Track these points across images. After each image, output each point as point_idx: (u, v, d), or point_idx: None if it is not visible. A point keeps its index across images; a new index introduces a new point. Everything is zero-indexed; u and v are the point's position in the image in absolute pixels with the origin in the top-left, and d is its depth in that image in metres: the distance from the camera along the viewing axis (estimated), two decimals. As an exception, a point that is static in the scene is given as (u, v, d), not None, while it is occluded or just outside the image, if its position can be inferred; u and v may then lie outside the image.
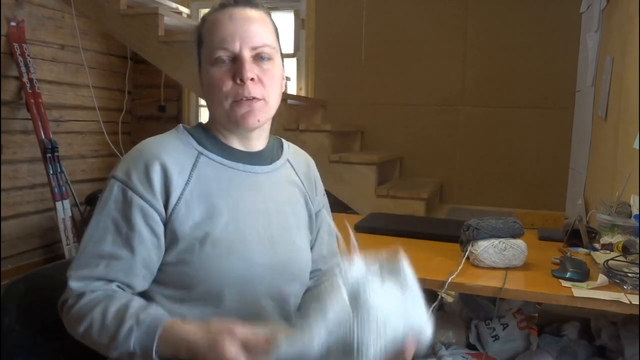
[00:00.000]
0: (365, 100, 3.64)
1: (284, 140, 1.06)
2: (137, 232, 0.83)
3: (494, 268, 1.33)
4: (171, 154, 0.87)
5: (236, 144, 0.94)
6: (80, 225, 3.10)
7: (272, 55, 0.90)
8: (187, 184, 0.86)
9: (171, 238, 0.85)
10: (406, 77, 3.56)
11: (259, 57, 0.88)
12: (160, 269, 0.87)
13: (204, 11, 4.05)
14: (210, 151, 0.91)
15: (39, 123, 2.92)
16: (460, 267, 1.30)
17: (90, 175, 3.57)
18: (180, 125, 0.94)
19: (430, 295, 1.87)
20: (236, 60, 0.87)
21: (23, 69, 2.89)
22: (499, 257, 1.32)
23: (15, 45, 2.88)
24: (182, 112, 3.91)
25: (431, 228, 1.78)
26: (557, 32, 3.25)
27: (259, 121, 0.89)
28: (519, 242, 1.34)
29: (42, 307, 0.95)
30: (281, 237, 0.93)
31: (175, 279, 0.86)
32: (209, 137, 0.93)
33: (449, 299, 1.85)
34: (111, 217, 0.84)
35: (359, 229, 1.69)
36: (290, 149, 1.05)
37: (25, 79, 2.89)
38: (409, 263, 0.76)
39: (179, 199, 0.85)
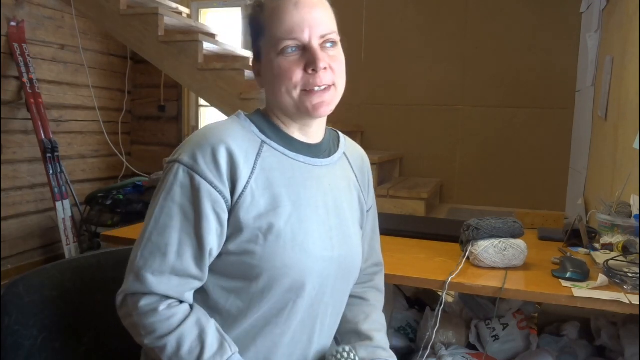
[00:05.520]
0: (365, 100, 3.65)
1: (340, 133, 1.04)
2: (205, 220, 0.80)
3: (494, 268, 1.33)
4: (237, 140, 0.84)
5: (297, 134, 0.92)
6: (80, 225, 3.10)
7: (337, 40, 0.88)
8: (252, 172, 0.84)
9: (235, 227, 0.83)
10: (406, 77, 3.56)
11: (325, 44, 0.86)
12: (219, 259, 0.85)
13: (204, 11, 4.08)
14: (272, 140, 0.88)
15: (39, 123, 2.92)
16: (460, 267, 1.30)
17: (90, 175, 3.57)
18: (240, 112, 0.92)
19: (431, 295, 1.87)
20: (306, 50, 0.84)
21: (23, 69, 2.89)
22: (499, 257, 1.32)
23: (15, 45, 2.89)
24: (182, 112, 3.91)
25: (431, 228, 1.78)
26: (557, 32, 3.24)
27: (331, 109, 0.89)
28: (519, 242, 1.34)
29: (42, 307, 0.95)
30: (339, 232, 0.92)
31: (235, 270, 0.85)
32: (270, 125, 0.90)
33: (449, 299, 1.85)
34: (177, 203, 0.81)
35: (359, 229, 1.69)
36: (347, 143, 1.03)
37: (25, 79, 2.90)
38: None
39: (244, 187, 0.82)
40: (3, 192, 2.92)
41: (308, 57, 0.84)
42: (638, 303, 1.10)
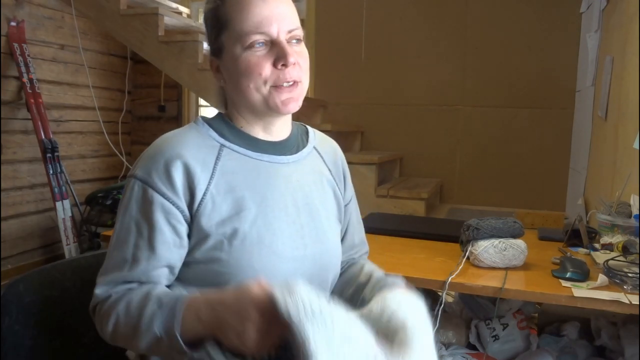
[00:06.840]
0: (365, 100, 3.64)
1: (309, 127, 1.02)
2: (159, 231, 0.80)
3: (494, 268, 1.33)
4: (191, 149, 0.83)
5: (260, 133, 0.90)
6: (80, 225, 3.10)
7: (301, 36, 0.87)
8: (211, 178, 0.83)
9: (199, 236, 0.82)
10: (406, 77, 3.56)
11: (292, 40, 0.85)
12: (189, 268, 0.84)
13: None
14: (232, 142, 0.87)
15: (39, 123, 2.92)
16: (460, 267, 1.30)
17: (90, 175, 3.57)
18: (200, 117, 0.90)
19: (431, 295, 1.87)
20: (274, 45, 0.83)
21: (23, 69, 2.89)
22: (499, 257, 1.32)
23: (15, 45, 2.88)
24: (182, 112, 3.91)
25: (431, 228, 1.78)
26: (557, 32, 3.25)
27: (299, 105, 0.87)
28: (519, 242, 1.34)
29: (42, 307, 0.95)
30: (311, 229, 0.90)
31: (205, 278, 0.84)
32: (230, 127, 0.89)
33: (449, 299, 1.85)
34: (133, 218, 0.81)
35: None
36: (317, 136, 1.01)
37: (25, 79, 2.90)
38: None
39: (204, 194, 0.82)
40: (3, 192, 2.92)
41: (277, 52, 0.83)
42: (638, 303, 1.10)
